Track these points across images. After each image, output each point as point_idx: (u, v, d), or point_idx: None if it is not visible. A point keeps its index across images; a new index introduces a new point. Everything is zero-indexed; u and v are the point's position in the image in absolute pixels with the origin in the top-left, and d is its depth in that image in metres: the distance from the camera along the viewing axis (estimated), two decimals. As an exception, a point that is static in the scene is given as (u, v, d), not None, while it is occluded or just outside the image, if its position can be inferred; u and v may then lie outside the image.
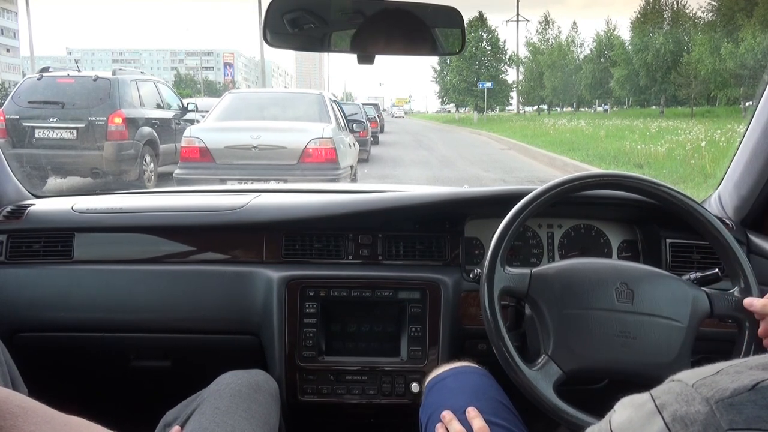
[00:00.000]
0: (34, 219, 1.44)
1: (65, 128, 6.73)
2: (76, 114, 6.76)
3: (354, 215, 1.38)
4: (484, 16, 43.41)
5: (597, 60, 41.55)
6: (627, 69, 35.22)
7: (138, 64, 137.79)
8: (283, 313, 1.31)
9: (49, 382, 1.23)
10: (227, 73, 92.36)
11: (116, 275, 1.39)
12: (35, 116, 6.76)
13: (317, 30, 1.10)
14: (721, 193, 1.45)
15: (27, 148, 6.63)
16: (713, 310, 0.98)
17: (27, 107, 6.79)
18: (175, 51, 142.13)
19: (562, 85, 42.85)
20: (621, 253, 1.44)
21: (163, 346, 1.43)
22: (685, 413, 0.40)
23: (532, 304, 1.01)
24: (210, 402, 1.01)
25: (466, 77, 41.88)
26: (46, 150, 6.69)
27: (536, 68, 44.35)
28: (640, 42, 34.09)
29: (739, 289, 0.99)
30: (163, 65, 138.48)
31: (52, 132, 6.75)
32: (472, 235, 1.44)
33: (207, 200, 1.52)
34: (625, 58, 35.71)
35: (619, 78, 35.99)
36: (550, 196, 1.04)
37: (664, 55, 32.62)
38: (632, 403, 0.46)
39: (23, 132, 6.64)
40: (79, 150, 6.77)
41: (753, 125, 1.31)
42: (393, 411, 1.33)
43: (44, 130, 6.74)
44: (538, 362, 0.97)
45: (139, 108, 7.32)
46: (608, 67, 38.75)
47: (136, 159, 6.89)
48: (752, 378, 0.40)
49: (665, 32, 33.73)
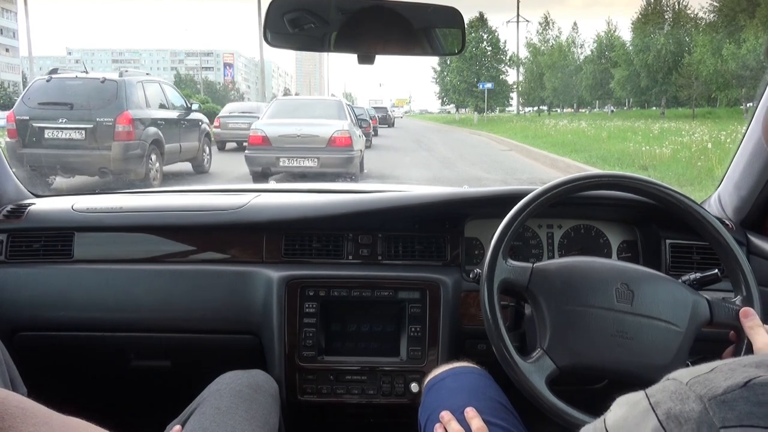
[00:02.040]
0: (34, 218, 1.44)
1: (74, 128, 6.93)
2: (84, 115, 6.98)
3: (354, 215, 1.38)
4: (485, 17, 43.29)
5: (597, 61, 41.26)
6: (628, 70, 34.94)
7: (138, 64, 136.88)
8: (282, 313, 1.31)
9: (49, 381, 1.23)
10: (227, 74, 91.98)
11: (116, 275, 1.39)
12: (45, 117, 6.95)
13: (317, 30, 1.10)
14: (720, 194, 1.45)
15: (37, 148, 6.82)
16: (713, 318, 0.98)
17: (37, 108, 6.96)
18: (174, 51, 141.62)
19: (563, 86, 42.56)
20: (621, 254, 1.44)
21: (163, 345, 1.43)
22: (679, 411, 0.40)
23: (532, 298, 1.01)
24: (210, 402, 1.01)
25: (467, 78, 41.78)
26: (55, 150, 6.88)
27: (536, 69, 44.06)
28: (641, 42, 33.83)
29: (741, 298, 0.99)
30: (163, 65, 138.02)
31: (61, 132, 6.93)
32: (472, 235, 1.44)
33: (207, 200, 1.52)
34: (626, 58, 35.41)
35: (620, 79, 35.72)
36: (550, 197, 1.04)
37: (665, 56, 32.47)
38: (627, 402, 0.46)
39: (33, 132, 6.82)
40: (87, 150, 6.96)
41: (753, 126, 1.31)
42: (392, 411, 1.34)
43: (53, 130, 6.93)
44: (533, 356, 0.96)
45: (145, 109, 7.56)
46: (609, 68, 38.50)
47: (143, 158, 7.11)
48: (745, 375, 0.40)
49: (666, 33, 33.64)
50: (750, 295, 0.98)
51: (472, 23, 41.70)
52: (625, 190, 1.07)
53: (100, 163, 7.00)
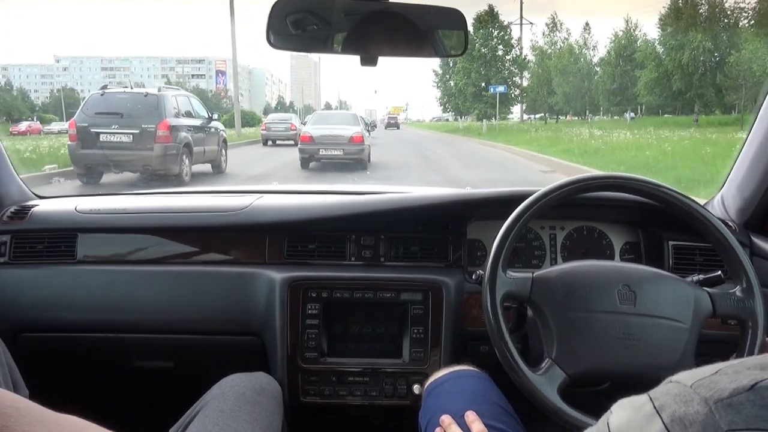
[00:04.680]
0: (37, 219, 1.44)
1: (123, 133, 8.49)
2: (131, 122, 8.54)
3: (356, 216, 1.38)
4: (495, 11, 37.80)
5: (615, 63, 36.49)
6: (657, 71, 30.32)
7: (128, 72, 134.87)
8: (285, 315, 1.31)
9: (52, 382, 1.23)
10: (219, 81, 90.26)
11: (119, 276, 1.39)
12: (100, 124, 8.53)
13: (320, 31, 1.10)
14: (724, 195, 1.45)
15: (93, 149, 8.43)
16: (716, 310, 0.98)
17: (93, 117, 8.61)
18: (165, 59, 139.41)
19: (574, 91, 38.08)
20: (623, 255, 1.44)
21: (166, 346, 1.43)
22: (684, 414, 0.40)
23: (535, 308, 1.00)
24: (214, 405, 1.01)
25: (475, 80, 36.67)
26: (108, 150, 8.44)
27: (543, 73, 39.53)
28: (673, 40, 29.22)
29: (741, 288, 0.99)
30: (153, 73, 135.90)
31: (113, 136, 8.50)
32: (475, 237, 1.44)
33: (210, 201, 1.52)
34: (654, 58, 30.89)
35: (648, 82, 30.89)
36: (552, 198, 1.04)
37: (701, 54, 28.08)
38: (631, 405, 0.46)
39: (90, 136, 8.42)
40: (134, 150, 8.49)
41: (756, 128, 1.31)
42: (395, 412, 1.33)
43: (107, 134, 8.49)
44: (542, 366, 0.96)
45: (178, 118, 9.18)
46: (629, 71, 34.56)
47: (177, 158, 8.66)
48: (751, 378, 0.40)
49: (703, 28, 28.48)
50: (750, 287, 0.98)
51: (481, 17, 37.16)
52: (628, 192, 1.07)
53: (144, 162, 8.52)
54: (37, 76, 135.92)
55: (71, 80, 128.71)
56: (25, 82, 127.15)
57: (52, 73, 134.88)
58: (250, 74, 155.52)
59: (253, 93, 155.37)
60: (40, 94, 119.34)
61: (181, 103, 9.55)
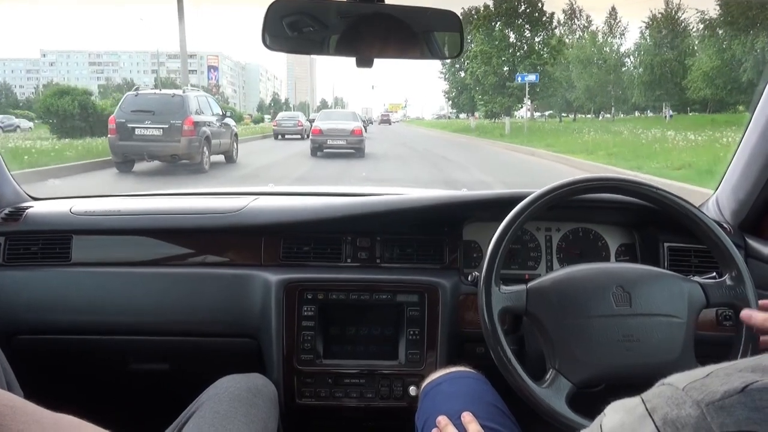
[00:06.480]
0: (32, 221, 1.44)
1: (155, 127, 10.21)
2: (161, 118, 10.27)
3: (352, 218, 1.38)
4: None
5: (653, 50, 30.32)
6: (720, 58, 24.17)
7: (117, 66, 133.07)
8: (281, 316, 1.31)
9: (47, 384, 1.23)
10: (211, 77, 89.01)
11: (114, 278, 1.39)
12: (135, 119, 10.26)
13: (316, 33, 1.10)
14: (718, 197, 1.45)
15: (129, 141, 10.19)
16: (709, 300, 0.99)
17: (129, 113, 10.36)
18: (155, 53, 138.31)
19: (598, 85, 31.57)
20: (619, 257, 1.44)
21: (162, 348, 1.42)
22: (676, 417, 0.40)
23: (533, 319, 1.00)
24: (209, 406, 1.01)
25: (496, 68, 28.77)
26: (142, 142, 10.19)
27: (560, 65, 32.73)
28: (741, 18, 22.23)
29: (731, 276, 1.00)
30: (143, 68, 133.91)
31: (146, 130, 10.22)
32: (470, 239, 1.44)
33: (205, 203, 1.52)
34: (714, 43, 24.48)
35: (708, 71, 24.70)
36: (547, 200, 1.04)
37: None
38: (623, 407, 0.46)
39: (127, 130, 10.16)
40: (163, 142, 10.16)
41: (750, 129, 1.31)
42: (391, 414, 1.33)
43: (141, 129, 10.20)
44: (547, 378, 0.95)
45: (199, 114, 10.86)
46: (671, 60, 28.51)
47: (200, 149, 10.39)
48: (742, 380, 0.40)
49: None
50: (740, 276, 0.99)
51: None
52: (623, 194, 1.07)
53: (172, 152, 10.22)
54: (23, 71, 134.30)
55: (58, 75, 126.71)
56: (10, 77, 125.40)
57: (38, 68, 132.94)
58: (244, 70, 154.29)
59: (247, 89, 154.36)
60: (26, 89, 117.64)
61: (201, 102, 11.41)
